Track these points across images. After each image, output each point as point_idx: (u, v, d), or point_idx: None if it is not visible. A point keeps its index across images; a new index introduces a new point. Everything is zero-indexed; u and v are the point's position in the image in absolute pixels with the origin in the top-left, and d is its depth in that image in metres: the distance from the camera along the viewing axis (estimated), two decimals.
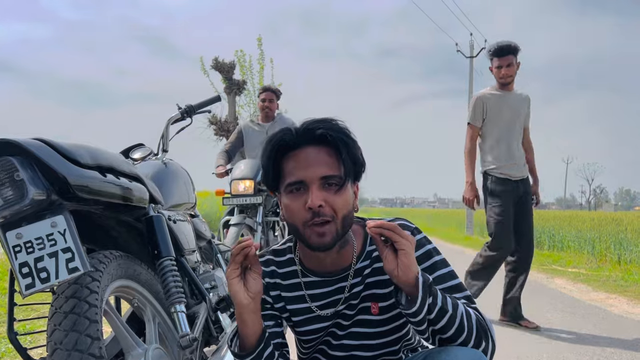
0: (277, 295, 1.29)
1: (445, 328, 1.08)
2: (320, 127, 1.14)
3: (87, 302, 1.15)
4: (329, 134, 1.13)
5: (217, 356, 1.58)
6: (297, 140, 1.15)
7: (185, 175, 2.21)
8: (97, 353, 1.10)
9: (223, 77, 14.44)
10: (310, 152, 1.14)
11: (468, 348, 1.08)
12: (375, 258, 1.23)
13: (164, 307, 1.57)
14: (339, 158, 1.14)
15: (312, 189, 1.12)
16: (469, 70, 17.66)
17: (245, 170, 3.86)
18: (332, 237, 1.13)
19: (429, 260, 1.21)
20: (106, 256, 1.32)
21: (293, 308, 1.28)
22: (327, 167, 1.13)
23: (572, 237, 10.29)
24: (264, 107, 4.45)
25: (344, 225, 1.15)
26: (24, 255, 1.10)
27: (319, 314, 1.26)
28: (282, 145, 1.16)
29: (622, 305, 4.56)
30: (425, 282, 1.07)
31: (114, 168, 1.36)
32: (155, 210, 1.59)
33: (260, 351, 1.15)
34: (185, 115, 2.45)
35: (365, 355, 1.26)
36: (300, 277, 1.27)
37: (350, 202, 1.17)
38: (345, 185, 1.14)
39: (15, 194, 1.07)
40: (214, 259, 2.32)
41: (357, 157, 1.17)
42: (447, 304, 1.08)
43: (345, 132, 1.16)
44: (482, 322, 1.13)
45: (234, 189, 3.84)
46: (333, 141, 1.13)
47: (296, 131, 1.16)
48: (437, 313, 1.07)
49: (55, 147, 1.16)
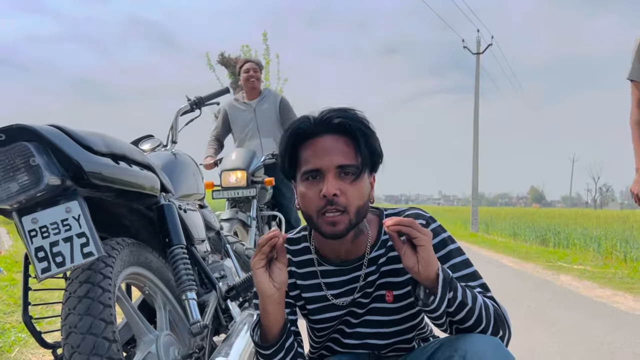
0: (292, 284, 1.29)
1: (464, 320, 1.09)
2: (339, 116, 1.14)
3: (101, 287, 1.16)
4: (348, 123, 1.13)
5: (227, 344, 1.59)
6: (314, 128, 1.15)
7: (194, 166, 2.23)
8: (111, 337, 1.11)
9: (229, 72, 14.45)
10: (328, 141, 1.14)
11: (485, 335, 1.08)
12: (390, 247, 1.24)
13: (174, 295, 1.59)
14: (357, 148, 1.14)
15: (328, 177, 1.12)
16: (475, 66, 17.60)
17: (237, 161, 3.53)
18: (345, 227, 1.13)
19: (444, 249, 1.21)
20: (119, 243, 1.33)
21: (308, 296, 1.29)
22: (343, 156, 1.13)
23: (578, 234, 10.28)
24: (249, 78, 3.97)
25: (358, 216, 1.15)
26: (40, 239, 1.11)
27: (334, 303, 1.27)
28: (300, 134, 1.17)
29: (628, 302, 4.55)
30: (445, 278, 1.07)
31: (127, 156, 1.38)
32: (167, 199, 1.60)
33: (283, 342, 1.17)
34: (194, 107, 2.46)
35: (379, 344, 1.27)
36: (317, 266, 1.28)
37: (366, 193, 1.17)
38: (362, 175, 1.14)
39: (30, 179, 1.08)
40: (223, 250, 2.33)
41: (375, 148, 1.17)
42: (467, 297, 1.08)
43: (364, 122, 1.16)
44: (498, 311, 1.13)
45: (224, 181, 3.50)
46: (351, 131, 1.13)
47: (314, 119, 1.16)
48: (457, 307, 1.07)
49: (70, 133, 1.17)
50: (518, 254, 9.15)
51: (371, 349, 1.28)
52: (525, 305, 4.31)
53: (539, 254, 9.05)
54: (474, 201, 17.42)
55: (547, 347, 3.03)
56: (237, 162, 3.52)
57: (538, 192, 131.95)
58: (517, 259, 8.34)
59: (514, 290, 5.04)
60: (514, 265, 7.48)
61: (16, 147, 1.08)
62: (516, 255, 8.95)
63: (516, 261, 8.08)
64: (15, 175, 1.07)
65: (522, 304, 4.35)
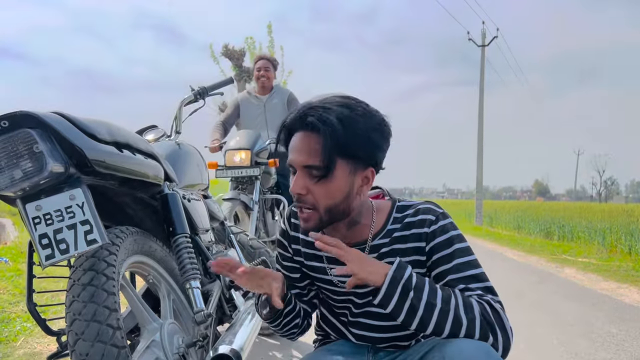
0: (297, 250, 1.33)
1: (440, 323, 1.04)
2: (312, 114, 1.11)
3: (105, 274, 1.16)
4: (316, 122, 1.09)
5: (231, 332, 1.59)
6: (294, 125, 1.15)
7: (198, 156, 2.22)
8: (115, 324, 1.11)
9: (233, 64, 14.42)
10: (300, 138, 1.13)
11: (475, 341, 1.03)
12: (396, 238, 1.21)
13: (178, 284, 1.59)
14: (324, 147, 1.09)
15: (295, 176, 1.13)
16: (480, 59, 17.49)
17: (242, 141, 3.52)
18: (315, 224, 1.15)
19: (449, 248, 1.16)
20: (122, 231, 1.33)
21: (310, 264, 1.31)
22: (308, 156, 1.11)
23: (583, 228, 10.24)
24: (259, 77, 4.13)
25: (330, 214, 1.14)
26: (43, 227, 1.11)
27: (333, 280, 1.27)
28: (285, 126, 1.18)
29: (633, 295, 4.54)
30: (395, 278, 1.05)
31: (131, 144, 1.37)
32: (171, 188, 1.60)
33: (281, 311, 1.26)
34: (198, 97, 2.45)
35: (377, 337, 1.26)
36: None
37: (342, 191, 1.13)
38: (330, 175, 1.11)
39: (34, 166, 1.07)
40: (227, 240, 2.33)
41: (360, 143, 1.11)
42: (436, 297, 1.05)
43: (343, 117, 1.09)
44: (488, 316, 1.05)
45: (228, 160, 3.49)
46: (321, 129, 1.09)
47: (293, 116, 1.15)
48: (425, 308, 1.04)
49: (73, 121, 1.16)
50: (522, 247, 9.14)
51: (370, 342, 1.28)
52: (529, 298, 4.30)
53: (543, 247, 9.03)
54: (478, 194, 17.39)
55: (551, 339, 3.03)
56: (241, 142, 3.53)
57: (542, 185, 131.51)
58: (521, 252, 8.33)
59: (517, 283, 5.04)
60: (518, 258, 7.47)
61: (20, 134, 1.07)
62: (520, 248, 8.94)
63: (520, 254, 8.07)
64: (18, 162, 1.07)
65: (526, 297, 4.35)
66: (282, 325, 1.31)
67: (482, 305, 1.06)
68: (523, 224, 13.42)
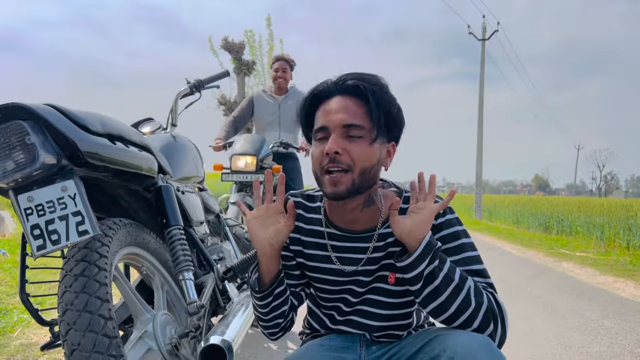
0: (296, 238, 1.31)
1: (450, 299, 1.08)
2: (354, 78, 1.15)
3: (97, 265, 1.17)
4: (361, 85, 1.13)
5: (224, 323, 1.60)
6: (329, 89, 1.17)
7: (194, 149, 2.23)
8: (107, 314, 1.12)
9: (232, 57, 14.38)
10: (339, 101, 1.15)
11: (475, 334, 1.06)
12: None
13: (172, 276, 1.60)
14: (368, 109, 1.13)
15: (333, 135, 1.13)
16: (481, 53, 17.44)
17: (247, 146, 3.58)
18: (347, 188, 1.13)
19: (456, 241, 1.19)
20: (115, 223, 1.34)
21: (311, 253, 1.29)
22: (350, 116, 1.13)
23: (581, 222, 10.25)
24: (277, 78, 4.16)
25: (362, 177, 1.14)
26: (35, 217, 1.11)
27: (339, 268, 1.25)
28: (316, 95, 1.19)
29: (629, 289, 4.55)
30: (431, 243, 1.09)
31: (124, 137, 1.37)
32: (164, 181, 1.60)
33: (273, 289, 1.24)
34: (194, 90, 2.45)
35: (374, 325, 1.26)
36: (324, 227, 1.28)
37: (375, 156, 1.15)
38: (370, 137, 1.13)
39: (26, 158, 1.08)
40: (222, 233, 2.34)
41: (392, 114, 1.16)
42: (454, 273, 1.09)
43: (380, 85, 1.15)
44: (493, 306, 1.10)
45: (233, 165, 3.55)
46: (364, 91, 1.13)
47: (330, 82, 1.18)
48: (443, 279, 1.08)
49: (65, 113, 1.17)
50: (521, 241, 9.16)
51: (366, 330, 1.28)
52: (526, 291, 4.32)
53: (542, 241, 9.05)
54: (478, 189, 17.40)
55: (547, 332, 3.05)
56: (246, 147, 3.57)
57: (542, 180, 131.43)
58: (520, 246, 8.35)
59: (515, 277, 5.05)
60: (516, 252, 7.49)
61: (11, 126, 1.08)
62: (519, 243, 8.96)
63: (518, 248, 8.09)
64: (10, 154, 1.08)
65: (523, 290, 4.37)
66: (270, 309, 1.26)
67: (489, 296, 1.11)
68: (522, 218, 13.44)
